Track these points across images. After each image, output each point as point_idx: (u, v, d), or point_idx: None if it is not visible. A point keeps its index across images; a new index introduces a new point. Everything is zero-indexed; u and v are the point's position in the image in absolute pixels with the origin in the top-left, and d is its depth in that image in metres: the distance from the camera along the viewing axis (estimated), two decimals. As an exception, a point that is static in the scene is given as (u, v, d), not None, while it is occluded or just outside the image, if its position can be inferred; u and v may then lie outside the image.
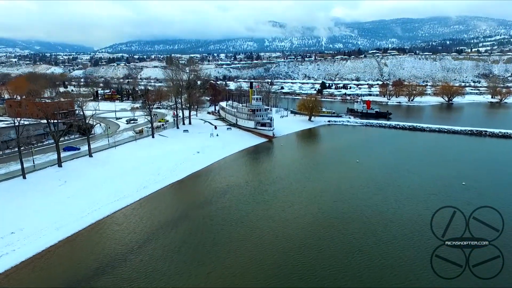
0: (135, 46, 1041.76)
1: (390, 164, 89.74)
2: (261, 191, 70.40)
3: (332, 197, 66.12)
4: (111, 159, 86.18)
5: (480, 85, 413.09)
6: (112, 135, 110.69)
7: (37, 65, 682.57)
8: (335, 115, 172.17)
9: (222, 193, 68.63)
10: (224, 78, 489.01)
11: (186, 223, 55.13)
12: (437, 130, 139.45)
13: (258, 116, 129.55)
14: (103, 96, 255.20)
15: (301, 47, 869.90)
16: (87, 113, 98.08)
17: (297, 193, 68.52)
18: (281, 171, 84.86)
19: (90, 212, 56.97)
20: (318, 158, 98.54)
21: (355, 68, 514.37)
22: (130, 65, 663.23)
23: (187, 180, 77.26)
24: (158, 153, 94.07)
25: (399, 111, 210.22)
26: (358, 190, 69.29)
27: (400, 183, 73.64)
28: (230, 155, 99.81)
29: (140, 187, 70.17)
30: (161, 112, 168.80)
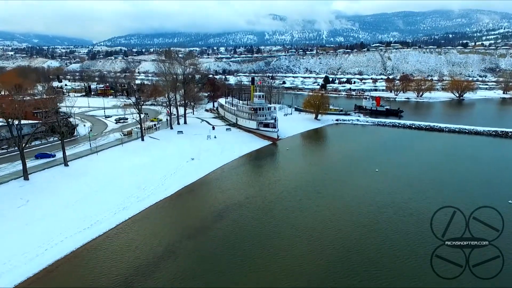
0: (134, 39, 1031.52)
1: (415, 175, 76.92)
2: (265, 211, 57.98)
3: (352, 220, 53.65)
4: (90, 169, 73.59)
5: (487, 79, 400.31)
6: (96, 138, 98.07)
7: (34, 59, 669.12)
8: (343, 113, 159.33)
9: (218, 216, 56.18)
10: (223, 72, 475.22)
11: (170, 264, 42.46)
12: (457, 131, 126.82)
13: (260, 116, 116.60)
14: (96, 92, 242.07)
15: (302, 41, 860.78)
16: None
17: (309, 215, 56.06)
18: (288, 183, 72.25)
19: (47, 249, 44.20)
20: (329, 166, 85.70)
21: (357, 62, 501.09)
22: (128, 58, 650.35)
23: (176, 197, 64.50)
24: (146, 161, 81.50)
25: (409, 108, 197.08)
26: (383, 212, 56.83)
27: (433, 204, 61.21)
28: (229, 163, 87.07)
29: (119, 207, 57.61)
30: (155, 110, 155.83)
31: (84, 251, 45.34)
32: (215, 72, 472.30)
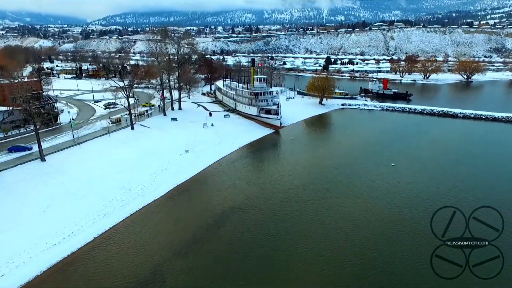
0: (129, 18, 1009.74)
1: (435, 170, 68.69)
2: (270, 215, 49.94)
3: (368, 227, 45.55)
4: (69, 165, 64.80)
5: (493, 60, 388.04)
6: (81, 127, 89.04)
7: (25, 38, 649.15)
8: (349, 97, 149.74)
9: (214, 224, 47.99)
10: (221, 52, 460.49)
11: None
12: (473, 117, 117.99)
13: (262, 101, 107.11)
14: (87, 73, 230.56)
15: (302, 20, 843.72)
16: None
17: (321, 221, 47.99)
18: (293, 180, 63.87)
19: (3, 274, 36.17)
20: (339, 159, 76.94)
21: (359, 42, 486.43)
22: (123, 38, 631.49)
23: (166, 200, 56.17)
24: (134, 154, 72.74)
25: (416, 91, 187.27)
26: (404, 217, 48.66)
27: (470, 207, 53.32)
28: (227, 155, 78.43)
29: (99, 214, 49.32)
30: (149, 94, 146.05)
31: (50, 277, 37.20)
32: (213, 52, 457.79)
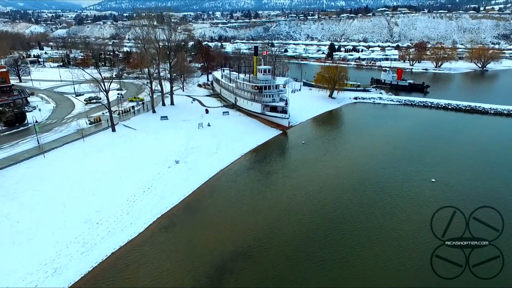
0: (125, 3, 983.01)
1: (493, 188, 54.49)
2: (286, 269, 35.73)
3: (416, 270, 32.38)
4: (23, 186, 50.24)
5: (502, 47, 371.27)
6: (51, 129, 74.16)
7: (16, 24, 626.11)
8: (361, 89, 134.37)
9: (208, 283, 33.78)
10: (220, 38, 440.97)
11: None
12: (506, 113, 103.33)
13: (267, 97, 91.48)
14: (74, 61, 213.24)
15: (301, 5, 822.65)
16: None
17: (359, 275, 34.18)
18: (315, 207, 49.33)
19: None
20: (366, 171, 62.26)
21: (362, 28, 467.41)
22: (118, 23, 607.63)
23: (145, 241, 41.40)
24: (110, 167, 58.02)
25: (429, 81, 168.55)
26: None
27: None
28: (227, 167, 63.68)
29: (47, 270, 34.84)
30: (139, 85, 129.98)
31: None
32: (211, 38, 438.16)
